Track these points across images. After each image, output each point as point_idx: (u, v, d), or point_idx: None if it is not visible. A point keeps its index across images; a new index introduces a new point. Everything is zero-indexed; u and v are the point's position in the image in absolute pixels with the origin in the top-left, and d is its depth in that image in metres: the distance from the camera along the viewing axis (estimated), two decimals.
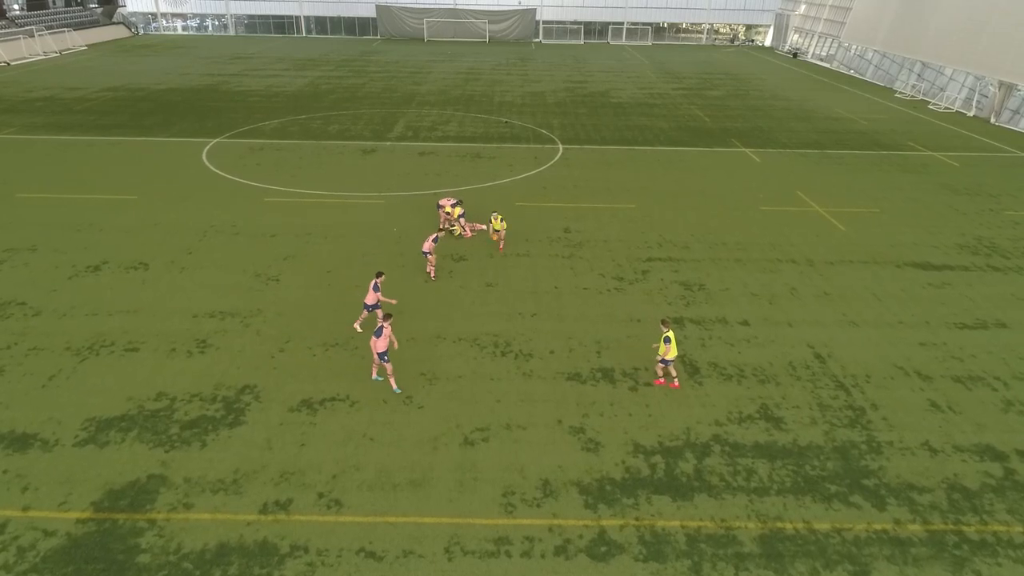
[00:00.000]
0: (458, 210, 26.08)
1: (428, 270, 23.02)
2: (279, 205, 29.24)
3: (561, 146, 39.98)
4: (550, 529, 13.11)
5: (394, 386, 17.00)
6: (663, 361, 17.05)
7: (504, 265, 24.12)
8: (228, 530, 12.90)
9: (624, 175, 34.69)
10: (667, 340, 16.72)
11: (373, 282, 19.10)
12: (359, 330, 19.56)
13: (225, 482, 14.04)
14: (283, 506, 13.47)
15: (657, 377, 17.58)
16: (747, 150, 40.11)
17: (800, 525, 13.30)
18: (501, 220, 25.00)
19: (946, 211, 30.45)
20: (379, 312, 18.38)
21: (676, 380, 17.49)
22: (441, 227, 26.01)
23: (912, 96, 58.78)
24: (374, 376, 17.47)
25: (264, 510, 13.37)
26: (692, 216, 29.12)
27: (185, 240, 25.45)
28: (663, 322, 17.11)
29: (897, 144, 42.25)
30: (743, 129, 45.35)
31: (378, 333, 16.48)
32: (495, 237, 25.61)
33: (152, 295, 21.39)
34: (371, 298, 19.08)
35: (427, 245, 22.36)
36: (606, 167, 36.02)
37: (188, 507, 13.39)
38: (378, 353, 16.64)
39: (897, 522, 13.43)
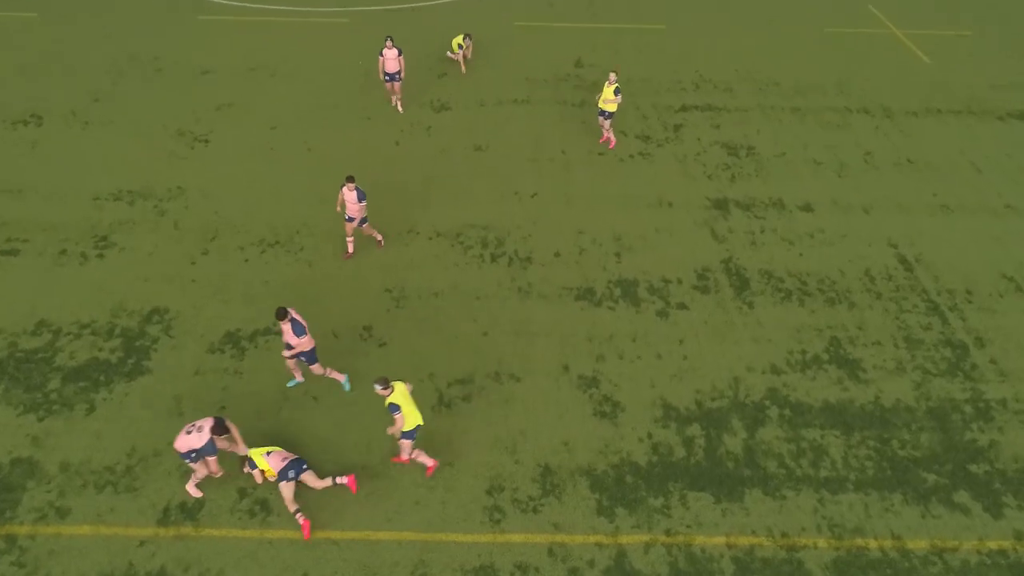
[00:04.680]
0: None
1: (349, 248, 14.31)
2: (217, 26, 23.14)
3: None
4: (550, 551, 9.67)
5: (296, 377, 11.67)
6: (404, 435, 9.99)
7: (498, 119, 18.89)
8: (112, 554, 9.48)
9: None
10: (393, 408, 9.60)
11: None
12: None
13: (116, 471, 10.44)
14: (190, 512, 9.97)
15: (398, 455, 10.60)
16: None
17: (888, 543, 9.83)
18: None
19: None
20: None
21: (427, 464, 10.37)
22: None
23: None
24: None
25: (165, 519, 9.88)
26: (736, 42, 23.03)
27: (93, 81, 19.95)
28: (382, 384, 9.65)
29: None
30: None
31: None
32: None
33: (43, 167, 16.58)
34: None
35: None
36: None
37: (62, 515, 9.89)
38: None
39: (1020, 537, 9.96)
